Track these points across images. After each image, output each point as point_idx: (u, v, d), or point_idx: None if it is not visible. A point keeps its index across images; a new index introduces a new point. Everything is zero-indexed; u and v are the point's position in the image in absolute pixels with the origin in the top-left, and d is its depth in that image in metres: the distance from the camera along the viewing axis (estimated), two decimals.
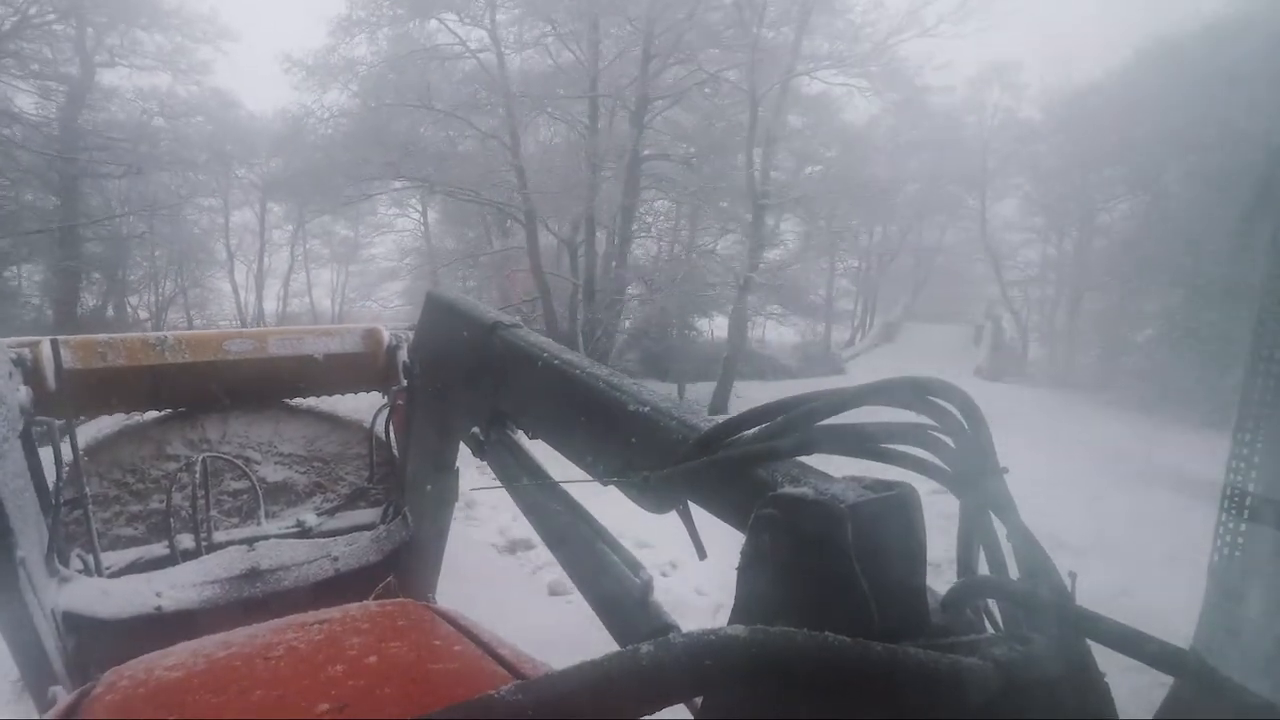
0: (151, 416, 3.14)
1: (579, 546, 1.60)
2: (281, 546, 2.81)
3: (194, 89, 22.16)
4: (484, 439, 1.98)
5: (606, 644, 0.95)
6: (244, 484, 3.11)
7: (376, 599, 2.19)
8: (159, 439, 3.07)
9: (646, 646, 0.60)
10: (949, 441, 0.97)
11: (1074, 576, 0.87)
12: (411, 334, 3.02)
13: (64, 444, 2.39)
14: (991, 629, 0.93)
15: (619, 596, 1.48)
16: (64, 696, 1.70)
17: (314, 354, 3.15)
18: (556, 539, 1.69)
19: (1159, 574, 6.15)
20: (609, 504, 1.65)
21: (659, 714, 0.64)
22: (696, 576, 5.90)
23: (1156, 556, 6.82)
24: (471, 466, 2.54)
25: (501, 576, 6.28)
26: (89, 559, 2.58)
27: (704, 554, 1.34)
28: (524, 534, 6.81)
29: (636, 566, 1.50)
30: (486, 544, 7.06)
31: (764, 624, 0.64)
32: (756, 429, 1.13)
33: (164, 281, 25.51)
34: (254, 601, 2.57)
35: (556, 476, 1.71)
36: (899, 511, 0.87)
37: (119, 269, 22.37)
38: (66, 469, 2.42)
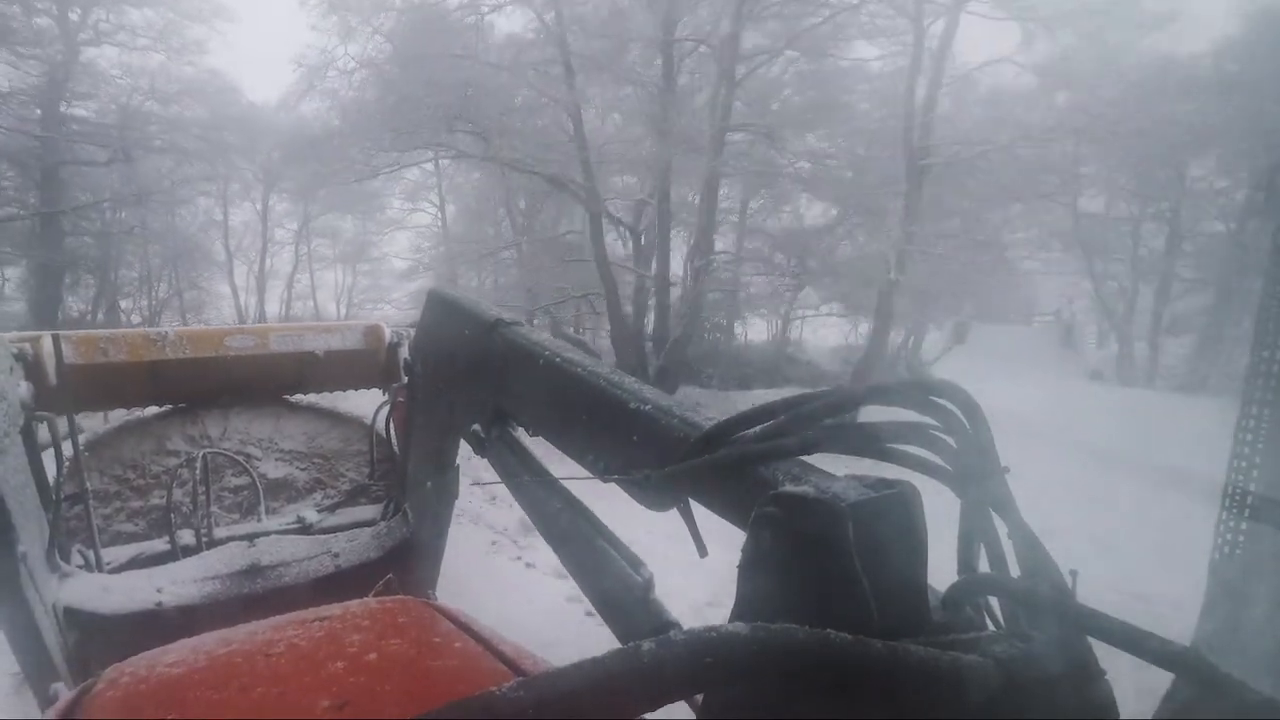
0: (152, 412, 3.15)
1: (580, 544, 1.60)
2: (282, 543, 2.82)
3: (188, 69, 19.96)
4: (485, 436, 1.98)
5: (608, 641, 0.95)
6: (244, 480, 3.11)
7: (377, 596, 2.19)
8: (160, 435, 3.07)
9: (648, 644, 0.60)
10: (950, 441, 0.97)
11: (1074, 574, 0.87)
12: (413, 331, 3.02)
13: (65, 439, 2.39)
14: (992, 626, 0.93)
15: (620, 594, 1.48)
16: (65, 693, 1.70)
17: (315, 351, 3.15)
18: (557, 536, 1.70)
19: None
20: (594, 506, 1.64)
21: (661, 711, 0.64)
22: (679, 597, 5.63)
23: None
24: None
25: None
26: (90, 554, 2.59)
27: (704, 552, 1.34)
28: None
29: (638, 564, 1.51)
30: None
31: (765, 622, 0.65)
32: (758, 428, 1.13)
33: (158, 283, 23.96)
34: (254, 598, 2.58)
35: (557, 474, 1.72)
36: (900, 510, 0.87)
37: (109, 269, 20.94)
38: (67, 464, 2.43)
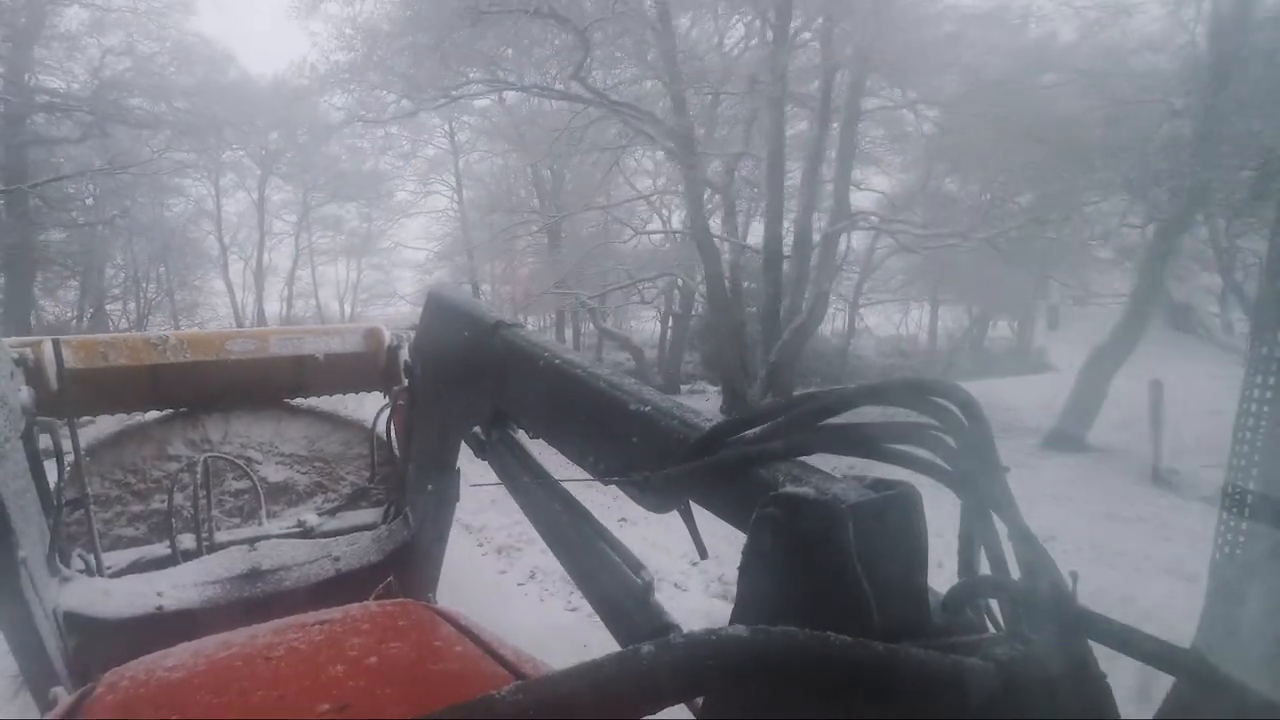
0: (153, 416, 3.15)
1: (580, 546, 1.60)
2: (283, 546, 2.82)
3: (171, 32, 17.40)
4: (485, 439, 1.98)
5: (608, 644, 0.95)
6: (245, 484, 3.11)
7: (377, 599, 2.19)
8: (160, 439, 3.07)
9: (648, 646, 0.60)
10: (950, 441, 0.97)
11: (1075, 576, 0.87)
12: (413, 334, 3.02)
13: (66, 444, 2.39)
14: (992, 628, 0.93)
15: (620, 596, 1.48)
16: (64, 697, 1.70)
17: (315, 354, 3.15)
18: (557, 539, 1.70)
19: None
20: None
21: (660, 714, 0.64)
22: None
23: None
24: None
25: None
26: (90, 559, 2.59)
27: (705, 554, 1.34)
28: None
29: (638, 566, 1.50)
30: None
31: (765, 624, 0.65)
32: (758, 429, 1.13)
33: (146, 282, 21.43)
34: (255, 601, 2.58)
35: (557, 476, 1.72)
36: (900, 511, 0.87)
37: (93, 268, 18.67)
38: (68, 469, 2.43)
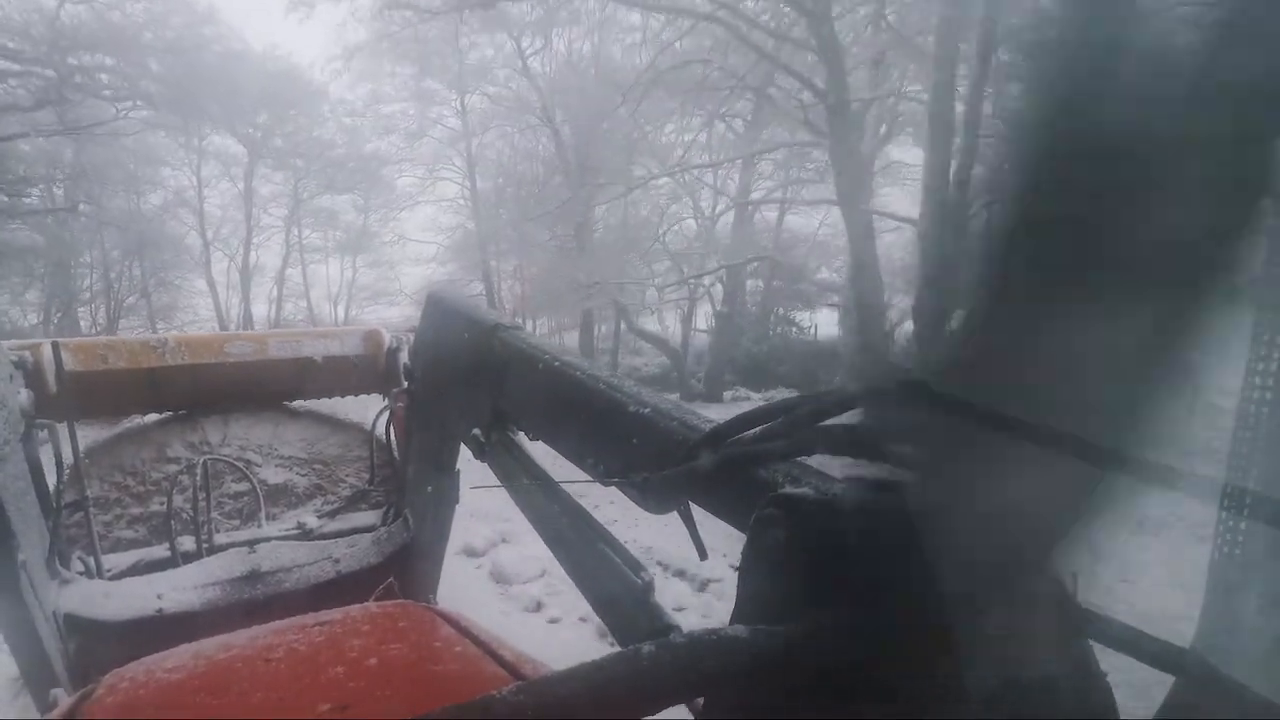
0: (152, 419, 3.15)
1: (580, 547, 1.60)
2: (282, 548, 2.81)
3: None
4: (485, 441, 1.98)
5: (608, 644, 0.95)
6: (244, 486, 3.11)
7: (377, 601, 2.19)
8: (159, 441, 3.07)
9: (648, 647, 0.60)
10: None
11: (1075, 575, 0.87)
12: (412, 336, 3.02)
13: (65, 446, 2.39)
14: None
15: (620, 596, 1.48)
16: (64, 699, 1.70)
17: (314, 356, 3.15)
18: (557, 540, 1.70)
19: None
20: None
21: (660, 714, 0.64)
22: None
23: None
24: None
25: None
26: (90, 561, 2.58)
27: (705, 555, 1.34)
28: None
29: (638, 567, 1.50)
30: None
31: (765, 624, 0.65)
32: (758, 429, 1.13)
33: (118, 283, 19.04)
34: (255, 603, 2.57)
35: (557, 478, 1.72)
36: (900, 512, 0.87)
37: (62, 268, 16.52)
38: (67, 471, 2.42)
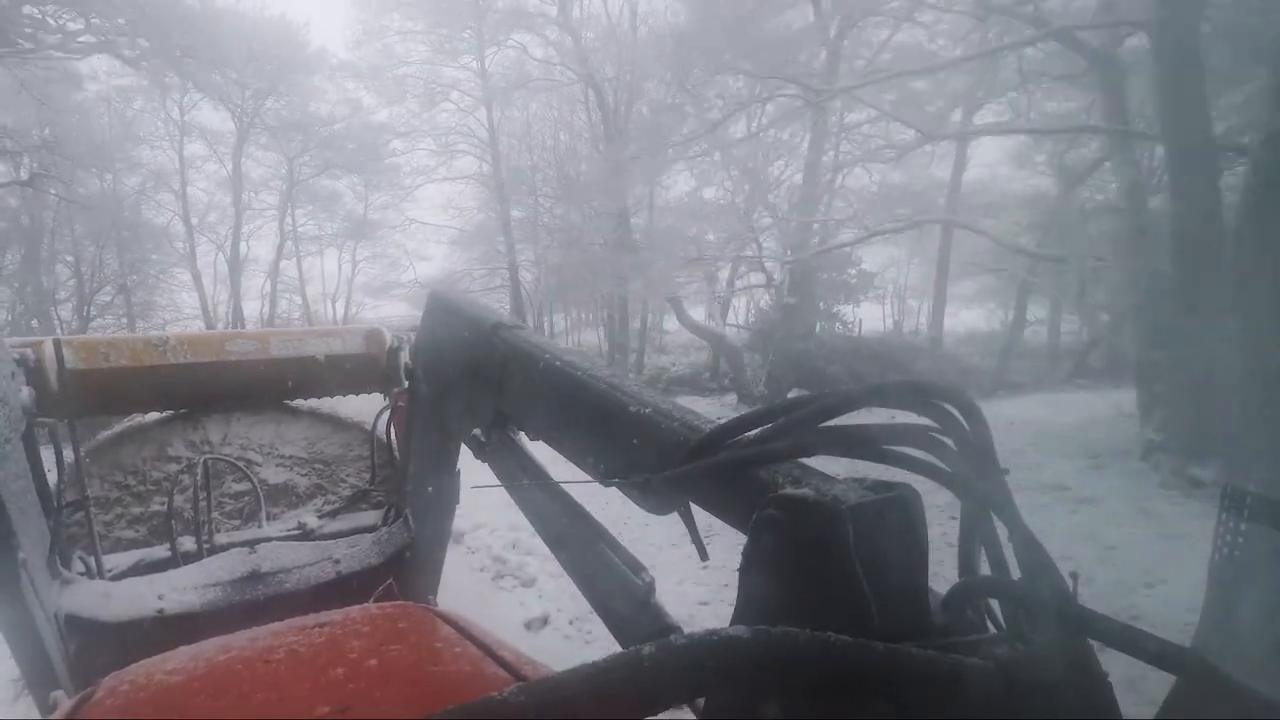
0: (153, 418, 3.14)
1: (580, 548, 1.60)
2: (283, 549, 2.81)
3: None
4: (485, 441, 1.98)
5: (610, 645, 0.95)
6: (245, 486, 3.11)
7: (377, 601, 2.19)
8: (160, 440, 3.07)
9: (648, 648, 0.61)
10: (950, 443, 0.97)
11: (1075, 576, 0.87)
12: (413, 335, 3.02)
13: (66, 445, 2.39)
14: (993, 629, 0.93)
15: (621, 598, 1.48)
16: (65, 700, 1.70)
17: (316, 355, 3.15)
18: (558, 540, 1.70)
19: None
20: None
21: (661, 715, 0.64)
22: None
23: None
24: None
25: None
26: (90, 561, 2.58)
27: (705, 555, 1.34)
28: None
29: (638, 568, 1.51)
30: None
31: (765, 624, 0.65)
32: (758, 430, 1.13)
33: (89, 279, 17.19)
34: (255, 604, 2.57)
35: (558, 478, 1.72)
36: (900, 512, 0.87)
37: (31, 263, 14.34)
38: (68, 470, 2.42)
